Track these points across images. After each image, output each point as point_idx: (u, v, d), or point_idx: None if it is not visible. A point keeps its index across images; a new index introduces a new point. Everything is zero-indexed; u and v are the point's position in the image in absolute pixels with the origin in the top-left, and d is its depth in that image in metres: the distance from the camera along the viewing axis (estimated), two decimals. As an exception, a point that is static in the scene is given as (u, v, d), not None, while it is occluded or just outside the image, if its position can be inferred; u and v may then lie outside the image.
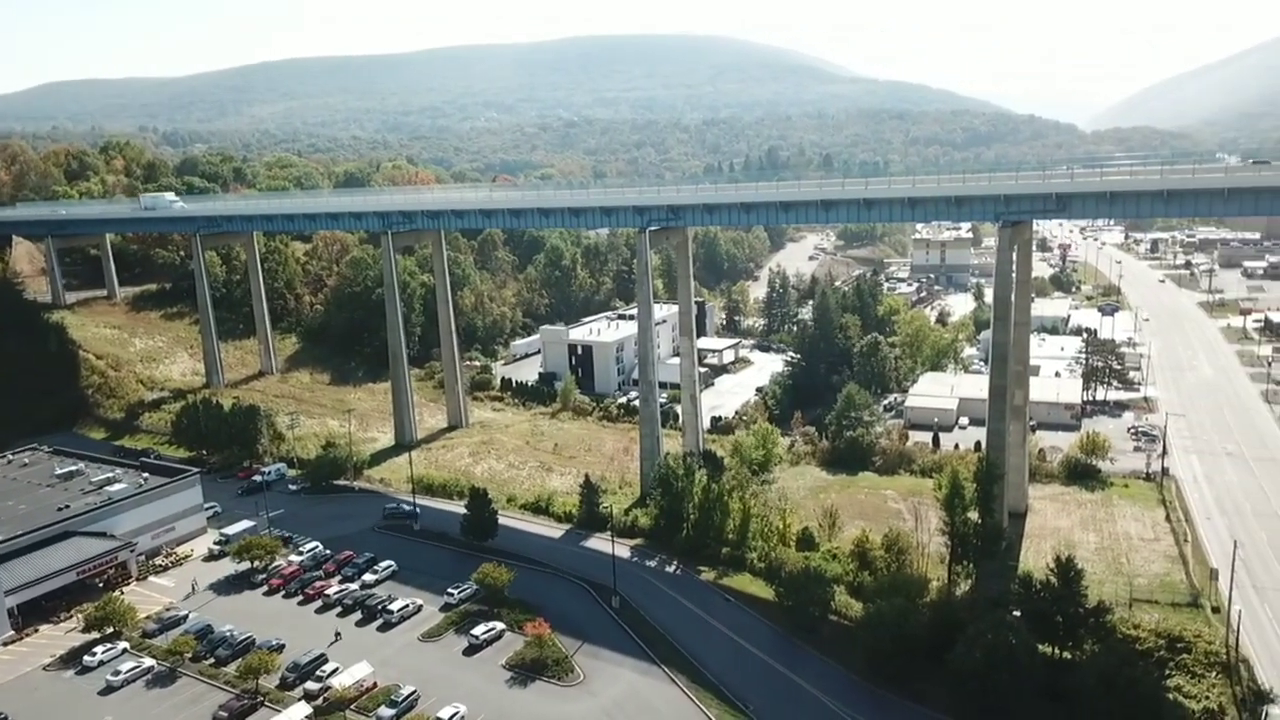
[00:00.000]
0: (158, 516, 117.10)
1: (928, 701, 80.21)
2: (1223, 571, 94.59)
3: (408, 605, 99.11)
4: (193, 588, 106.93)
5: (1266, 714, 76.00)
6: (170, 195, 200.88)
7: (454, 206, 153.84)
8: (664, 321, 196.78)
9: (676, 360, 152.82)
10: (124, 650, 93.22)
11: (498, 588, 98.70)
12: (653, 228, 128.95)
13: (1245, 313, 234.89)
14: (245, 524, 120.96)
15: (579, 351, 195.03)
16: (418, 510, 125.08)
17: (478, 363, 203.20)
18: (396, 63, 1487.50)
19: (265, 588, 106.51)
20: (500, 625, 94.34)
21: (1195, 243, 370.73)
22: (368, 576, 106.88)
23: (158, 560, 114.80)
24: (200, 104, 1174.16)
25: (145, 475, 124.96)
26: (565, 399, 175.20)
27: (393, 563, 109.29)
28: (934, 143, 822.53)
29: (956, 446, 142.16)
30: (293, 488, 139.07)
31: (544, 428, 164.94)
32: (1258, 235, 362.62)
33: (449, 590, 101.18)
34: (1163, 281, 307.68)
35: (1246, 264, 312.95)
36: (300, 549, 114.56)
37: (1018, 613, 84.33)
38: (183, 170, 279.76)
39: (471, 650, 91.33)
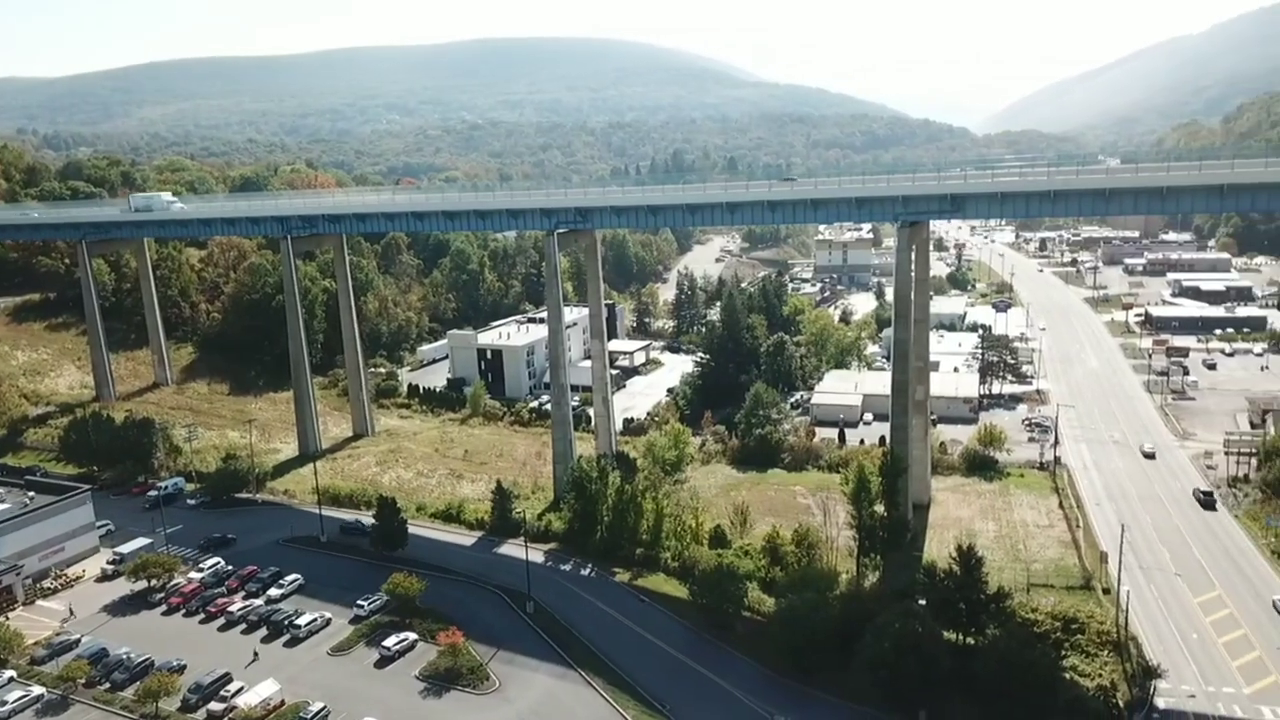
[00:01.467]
0: (45, 537, 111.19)
1: (839, 692, 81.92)
2: (1112, 554, 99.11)
3: (316, 619, 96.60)
4: (70, 612, 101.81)
5: (1154, 688, 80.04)
6: (167, 195, 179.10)
7: (356, 210, 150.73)
8: (575, 324, 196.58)
9: (588, 363, 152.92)
10: (10, 679, 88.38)
11: (409, 598, 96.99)
12: (561, 230, 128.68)
13: (1127, 307, 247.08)
14: (141, 541, 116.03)
15: (488, 356, 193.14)
16: (362, 524, 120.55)
17: (383, 369, 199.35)
18: (293, 64, 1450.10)
19: (164, 607, 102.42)
20: (413, 636, 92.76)
21: (1081, 241, 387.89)
22: (273, 591, 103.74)
23: (46, 583, 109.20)
24: (84, 105, 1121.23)
25: (31, 494, 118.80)
26: (475, 405, 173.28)
27: (299, 576, 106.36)
28: (834, 146, 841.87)
29: (862, 442, 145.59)
30: (191, 502, 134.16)
31: (453, 434, 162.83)
32: (1137, 234, 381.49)
33: (359, 602, 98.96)
34: (1041, 271, 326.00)
35: (1127, 261, 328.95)
36: (201, 565, 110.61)
37: (923, 602, 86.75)
38: (67, 174, 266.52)
39: (383, 662, 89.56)
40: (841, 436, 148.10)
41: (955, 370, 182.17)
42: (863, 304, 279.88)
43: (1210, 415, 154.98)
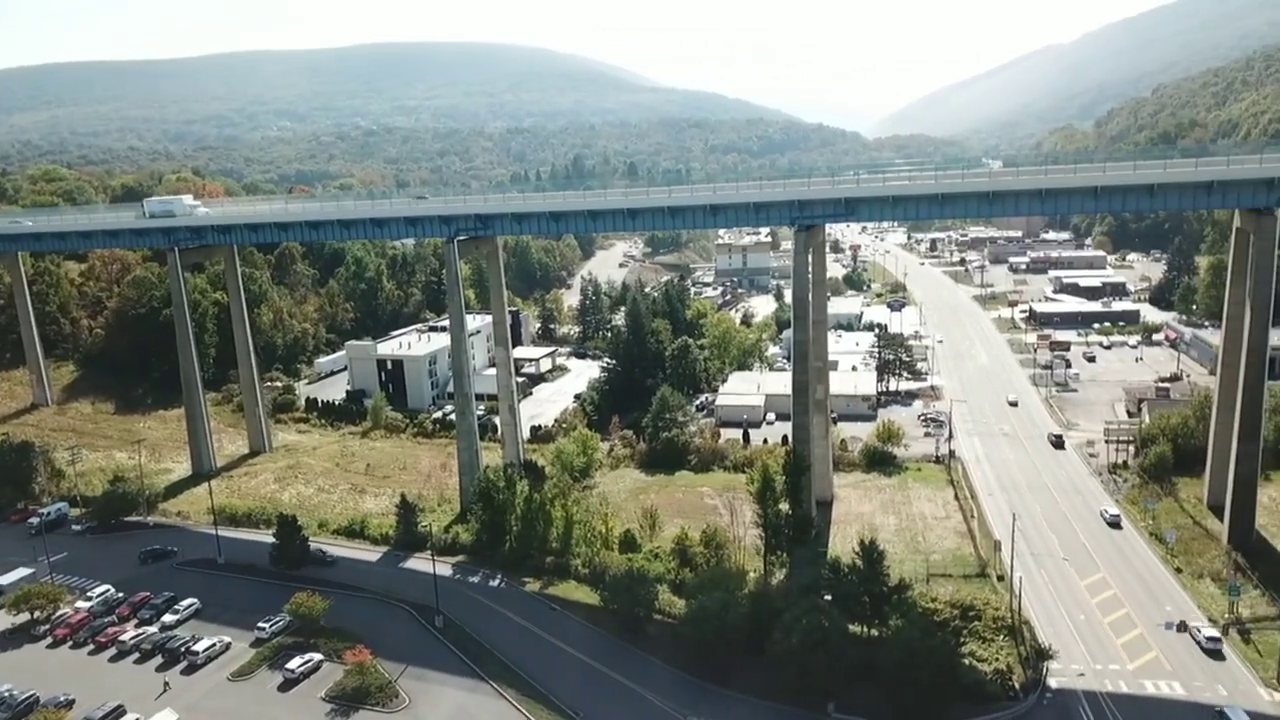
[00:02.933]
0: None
1: (751, 689, 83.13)
2: (1005, 543, 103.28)
3: (214, 644, 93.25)
4: None
5: (1047, 669, 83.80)
6: (188, 198, 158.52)
7: (247, 220, 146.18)
8: (478, 332, 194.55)
9: (493, 371, 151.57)
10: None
11: (313, 617, 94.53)
12: (461, 237, 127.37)
13: (1013, 304, 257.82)
14: (22, 571, 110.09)
15: (389, 366, 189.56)
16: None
17: (279, 383, 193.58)
18: (175, 68, 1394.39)
19: (50, 639, 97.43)
20: (317, 656, 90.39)
21: (968, 241, 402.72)
22: (168, 618, 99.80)
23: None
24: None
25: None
26: (376, 417, 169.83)
27: (195, 600, 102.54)
28: (732, 150, 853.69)
29: (765, 441, 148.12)
30: (77, 528, 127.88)
31: (354, 448, 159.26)
32: (1020, 234, 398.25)
33: (259, 625, 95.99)
34: (922, 263, 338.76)
35: (1012, 260, 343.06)
36: (89, 594, 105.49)
37: (829, 596, 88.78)
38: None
39: (287, 685, 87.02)
40: (746, 437, 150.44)
41: (853, 369, 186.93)
42: (763, 306, 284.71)
43: (1091, 406, 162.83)
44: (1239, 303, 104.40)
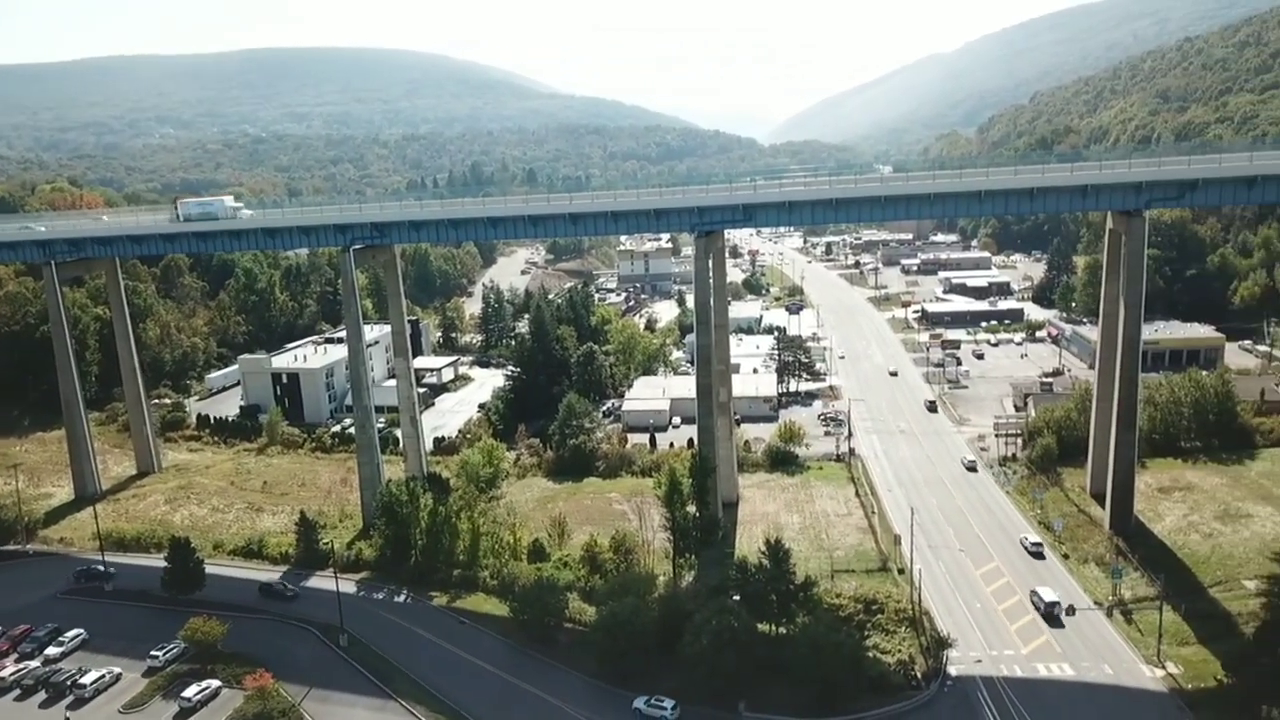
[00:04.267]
0: None
1: (663, 692, 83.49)
2: (904, 536, 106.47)
3: (104, 676, 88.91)
4: None
5: (947, 657, 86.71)
6: (229, 199, 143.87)
7: (130, 232, 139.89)
8: (377, 343, 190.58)
9: (393, 382, 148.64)
10: None
11: (210, 643, 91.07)
12: (357, 246, 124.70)
13: (905, 305, 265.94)
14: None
15: (284, 380, 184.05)
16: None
17: (168, 400, 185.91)
18: (47, 73, 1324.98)
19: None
20: (215, 683, 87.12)
21: (862, 244, 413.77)
22: (51, 650, 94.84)
23: None
24: None
25: None
26: (272, 433, 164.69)
27: (82, 631, 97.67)
28: (631, 157, 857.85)
29: (671, 445, 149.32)
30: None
31: (250, 465, 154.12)
32: (910, 236, 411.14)
33: (152, 653, 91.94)
34: (809, 262, 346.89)
35: (904, 262, 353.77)
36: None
37: (737, 596, 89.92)
38: None
39: (184, 715, 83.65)
40: (652, 441, 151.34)
41: (755, 371, 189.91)
42: (666, 311, 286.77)
43: (981, 401, 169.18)
44: (1113, 300, 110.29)
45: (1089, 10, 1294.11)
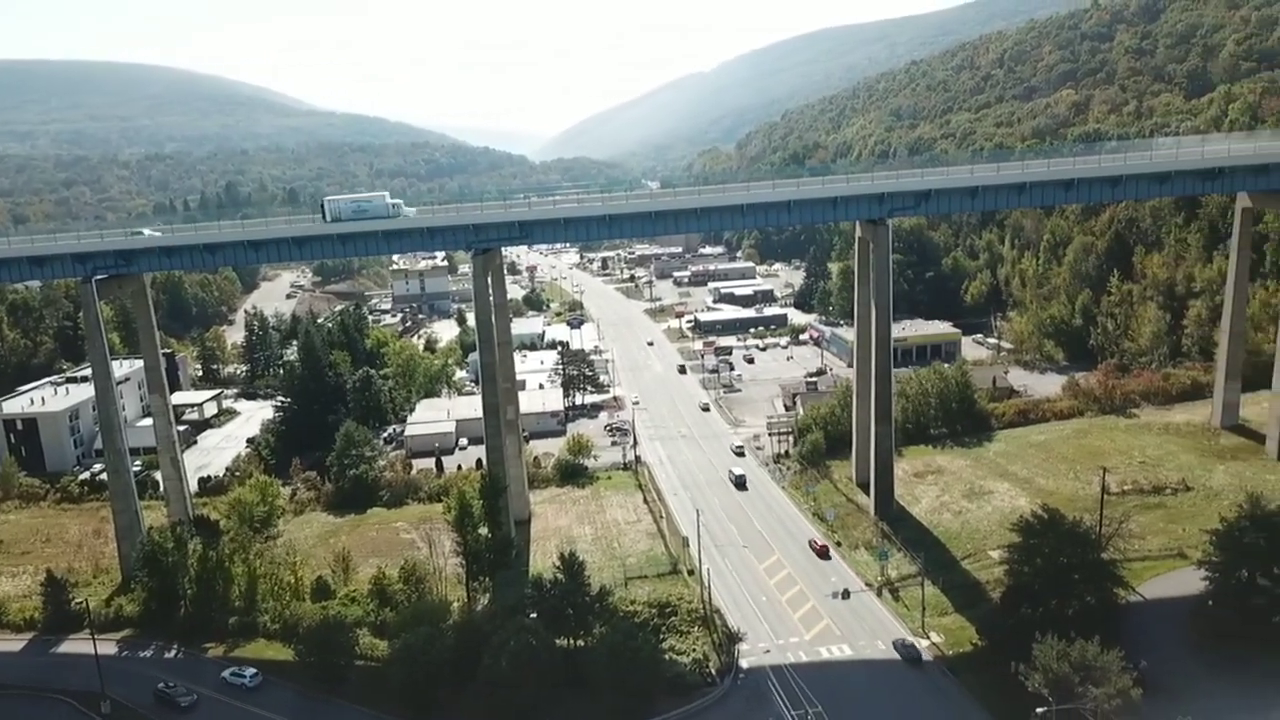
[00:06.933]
0: None
1: (463, 719, 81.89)
2: (691, 538, 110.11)
3: None
4: None
5: (738, 651, 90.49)
6: (387, 194, 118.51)
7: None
8: (128, 379, 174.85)
9: (148, 421, 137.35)
10: None
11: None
12: (100, 277, 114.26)
13: (679, 315, 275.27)
14: None
15: (19, 427, 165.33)
16: None
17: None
18: None
19: None
20: (-49, 775, 77.03)
21: (636, 259, 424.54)
22: None
23: None
24: None
25: None
26: (6, 485, 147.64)
27: None
28: (399, 175, 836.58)
29: (459, 467, 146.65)
30: None
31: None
32: (680, 249, 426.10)
33: None
34: (588, 277, 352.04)
35: (675, 274, 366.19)
36: None
37: (534, 614, 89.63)
38: None
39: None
40: (439, 465, 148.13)
41: (541, 387, 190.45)
42: (446, 331, 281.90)
43: (754, 403, 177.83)
44: (865, 302, 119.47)
45: (830, 34, 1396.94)
